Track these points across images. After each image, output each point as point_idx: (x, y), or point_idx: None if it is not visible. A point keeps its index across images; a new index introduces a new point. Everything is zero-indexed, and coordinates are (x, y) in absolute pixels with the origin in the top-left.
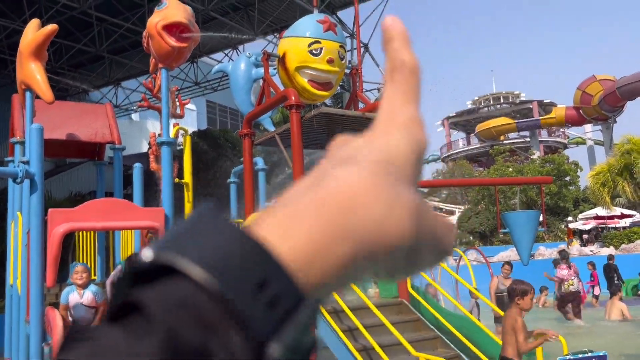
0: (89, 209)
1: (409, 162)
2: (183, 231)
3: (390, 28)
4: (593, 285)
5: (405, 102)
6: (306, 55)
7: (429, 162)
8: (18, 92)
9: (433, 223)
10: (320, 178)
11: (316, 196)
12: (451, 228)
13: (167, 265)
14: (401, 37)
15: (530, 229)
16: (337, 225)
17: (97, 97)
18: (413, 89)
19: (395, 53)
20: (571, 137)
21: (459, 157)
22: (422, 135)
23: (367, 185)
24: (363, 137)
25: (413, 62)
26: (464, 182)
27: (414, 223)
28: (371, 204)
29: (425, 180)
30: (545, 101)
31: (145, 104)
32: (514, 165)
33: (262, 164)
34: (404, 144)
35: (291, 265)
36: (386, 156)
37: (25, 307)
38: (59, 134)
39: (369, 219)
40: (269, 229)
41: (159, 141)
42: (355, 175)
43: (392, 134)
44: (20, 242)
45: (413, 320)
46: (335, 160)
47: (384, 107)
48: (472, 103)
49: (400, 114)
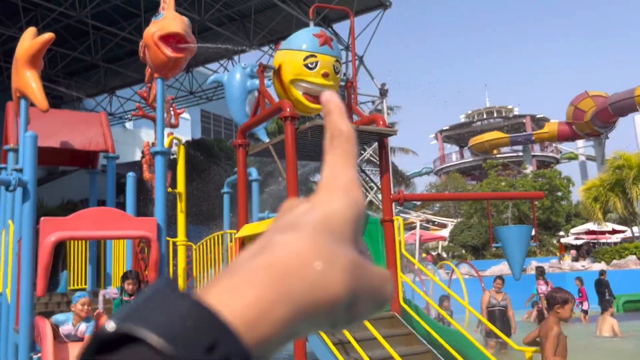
0: (81, 218)
1: (348, 222)
2: (142, 303)
3: (328, 102)
4: (581, 301)
5: (344, 166)
6: (301, 68)
7: (422, 175)
8: (13, 100)
9: (371, 276)
10: (264, 245)
11: (259, 263)
12: (389, 279)
13: (128, 334)
14: (338, 110)
15: (522, 243)
16: (277, 289)
17: (92, 105)
18: (350, 153)
19: (334, 123)
20: (563, 152)
21: (452, 170)
22: (360, 196)
23: (306, 250)
24: (307, 203)
25: (349, 131)
26: (457, 197)
27: (352, 280)
28: (309, 268)
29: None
30: (539, 116)
31: (140, 113)
32: (507, 179)
33: (256, 175)
34: (343, 207)
35: (238, 328)
36: (326, 220)
37: (15, 316)
38: (52, 141)
39: (307, 282)
40: (218, 296)
41: (153, 151)
42: (295, 241)
43: (333, 198)
44: (11, 251)
45: (405, 334)
46: (279, 227)
47: (326, 172)
48: (465, 117)
49: (340, 178)
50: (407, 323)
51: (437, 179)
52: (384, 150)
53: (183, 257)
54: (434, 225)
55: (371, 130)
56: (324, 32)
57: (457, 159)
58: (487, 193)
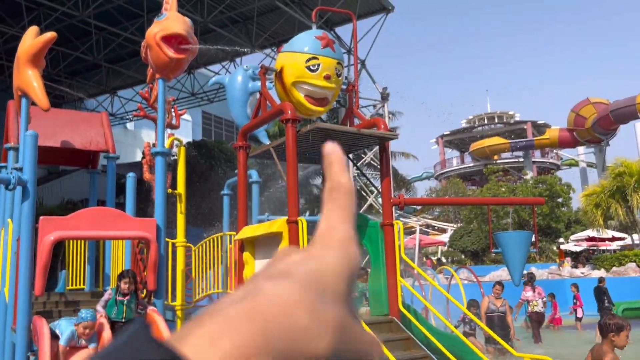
0: (80, 218)
1: (341, 279)
2: (114, 351)
3: (331, 154)
4: (576, 308)
5: (342, 220)
6: (303, 70)
7: (422, 180)
8: (14, 98)
9: (358, 339)
10: (251, 291)
11: (243, 309)
12: (376, 345)
13: None
14: (339, 162)
15: (522, 249)
16: (258, 340)
17: (93, 105)
18: (348, 207)
19: (334, 175)
20: (564, 158)
21: (452, 175)
22: (355, 252)
23: (294, 302)
24: (301, 253)
25: (349, 184)
26: (457, 202)
27: (337, 340)
28: (295, 321)
29: (419, 197)
30: (540, 122)
31: (141, 114)
32: (507, 185)
33: (257, 177)
34: (337, 262)
35: None
36: (319, 274)
37: (12, 315)
38: (53, 141)
39: (291, 336)
40: (195, 346)
41: (154, 151)
42: (283, 291)
43: (328, 252)
44: (10, 249)
45: (403, 339)
46: (270, 274)
47: (323, 223)
48: (466, 122)
49: (337, 231)
50: (406, 328)
51: (437, 183)
52: (384, 154)
53: (182, 259)
54: (434, 230)
55: (372, 133)
56: (326, 35)
57: (457, 163)
58: (487, 198)
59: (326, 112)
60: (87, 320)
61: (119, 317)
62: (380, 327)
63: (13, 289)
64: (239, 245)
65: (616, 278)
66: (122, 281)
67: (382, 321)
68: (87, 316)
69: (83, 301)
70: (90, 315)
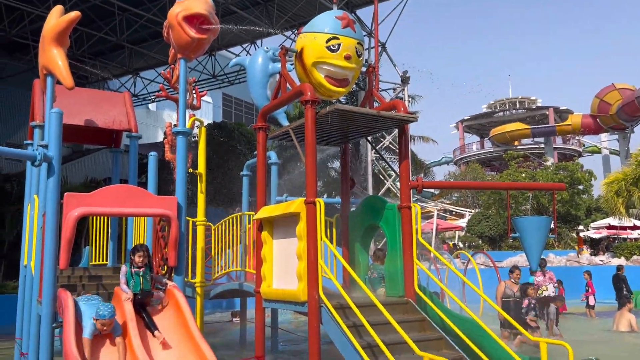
0: (103, 194)
1: None
2: None
3: None
4: (588, 295)
5: None
6: (324, 51)
7: (441, 164)
8: (39, 77)
9: None
10: None
11: None
12: None
13: None
14: None
15: (541, 235)
16: None
17: (116, 86)
18: None
19: None
20: (586, 145)
21: (471, 161)
22: None
23: None
24: None
25: None
26: (477, 185)
27: None
28: None
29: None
30: (562, 108)
31: (163, 94)
32: (527, 171)
33: (275, 158)
34: None
35: None
36: None
37: (38, 288)
38: (77, 119)
39: None
40: None
41: (175, 131)
42: None
43: None
44: (36, 224)
45: (418, 320)
46: None
47: None
48: (487, 107)
49: None
50: (422, 310)
51: (456, 168)
52: (404, 137)
53: (202, 237)
54: (452, 215)
55: (392, 116)
56: (347, 15)
57: (477, 149)
58: (507, 183)
59: (345, 95)
60: (105, 318)
61: (136, 289)
62: (396, 308)
63: (39, 262)
64: (258, 224)
65: (636, 267)
66: (137, 255)
67: (398, 302)
68: (104, 313)
69: (105, 276)
70: (108, 312)
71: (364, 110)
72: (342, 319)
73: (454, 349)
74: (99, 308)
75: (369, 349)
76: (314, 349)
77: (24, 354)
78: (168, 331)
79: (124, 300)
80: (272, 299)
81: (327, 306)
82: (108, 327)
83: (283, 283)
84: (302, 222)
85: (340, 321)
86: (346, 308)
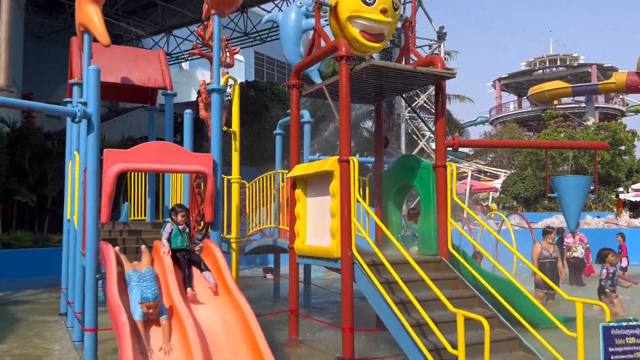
0: (142, 151)
1: None
2: None
3: None
4: (620, 257)
5: None
6: (359, 4)
7: (476, 124)
8: (76, 35)
9: None
10: None
11: None
12: None
13: None
14: None
15: (580, 195)
16: None
17: (150, 45)
18: None
19: None
20: (630, 104)
21: (508, 120)
22: None
23: None
24: None
25: None
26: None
27: None
28: None
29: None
30: (606, 65)
31: (196, 52)
32: (566, 131)
33: (308, 117)
34: None
35: None
36: None
37: (82, 241)
38: (113, 77)
39: None
40: None
41: (210, 88)
42: None
43: None
44: (77, 180)
45: (451, 278)
46: None
47: None
48: (526, 65)
49: None
50: (455, 268)
51: (492, 128)
52: (440, 94)
53: (236, 195)
54: (486, 175)
55: (429, 72)
56: None
57: (514, 108)
58: (546, 142)
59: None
60: (149, 300)
61: (183, 245)
62: (429, 266)
63: (81, 216)
64: (291, 182)
65: None
66: (180, 214)
67: (431, 260)
68: (147, 296)
69: (145, 230)
70: (152, 295)
71: (400, 66)
72: (374, 275)
73: (487, 307)
74: (142, 291)
75: (402, 305)
76: (347, 304)
77: (70, 303)
78: (205, 283)
79: (162, 254)
80: (306, 255)
81: (360, 263)
82: (154, 309)
83: (317, 240)
84: (335, 180)
85: (373, 278)
86: (379, 265)
